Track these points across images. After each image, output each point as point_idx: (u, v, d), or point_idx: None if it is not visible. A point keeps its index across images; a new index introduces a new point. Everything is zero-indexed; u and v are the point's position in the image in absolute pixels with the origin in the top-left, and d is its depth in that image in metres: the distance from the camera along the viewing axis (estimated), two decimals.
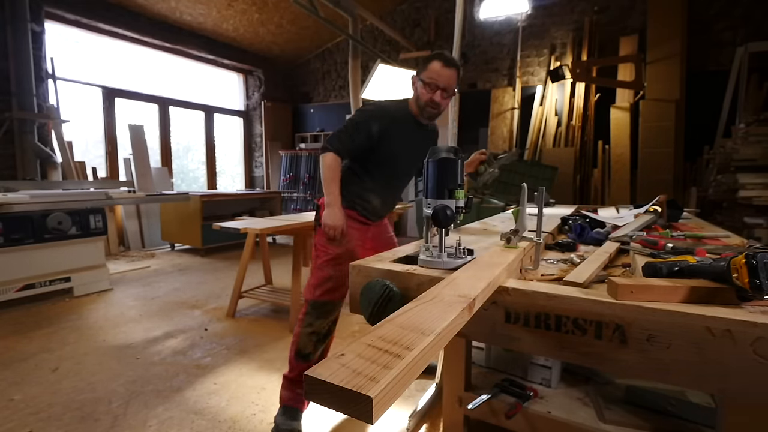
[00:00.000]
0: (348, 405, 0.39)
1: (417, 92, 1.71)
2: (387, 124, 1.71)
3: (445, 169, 1.02)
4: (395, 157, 1.78)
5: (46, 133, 4.59)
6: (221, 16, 5.88)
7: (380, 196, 1.84)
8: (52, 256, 3.28)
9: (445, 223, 0.99)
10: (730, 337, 0.67)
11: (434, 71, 1.63)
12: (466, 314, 0.63)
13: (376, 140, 1.70)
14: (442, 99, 1.69)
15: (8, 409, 1.86)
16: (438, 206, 0.99)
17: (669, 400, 1.35)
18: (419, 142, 1.80)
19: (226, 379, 2.15)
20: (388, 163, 1.79)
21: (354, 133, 1.69)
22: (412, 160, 1.83)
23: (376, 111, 1.73)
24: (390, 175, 1.84)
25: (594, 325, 0.77)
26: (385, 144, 1.73)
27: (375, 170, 1.80)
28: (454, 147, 1.06)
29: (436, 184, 1.02)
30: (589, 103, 5.41)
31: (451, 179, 1.02)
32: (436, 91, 1.65)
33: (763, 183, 3.66)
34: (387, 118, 1.71)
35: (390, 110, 1.75)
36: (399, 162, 1.81)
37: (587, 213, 1.86)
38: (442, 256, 1.00)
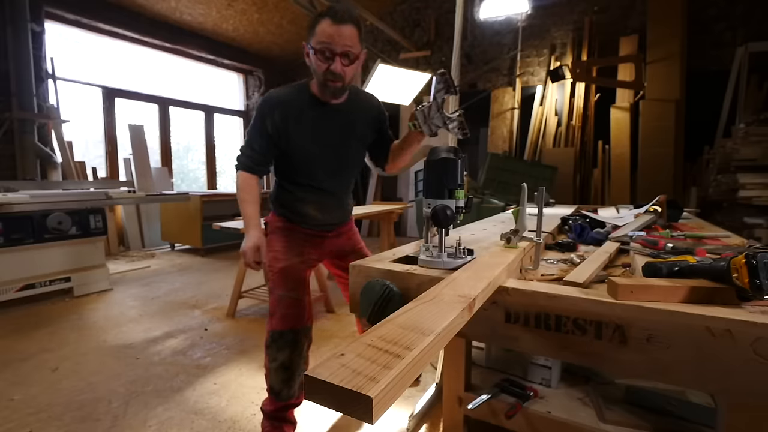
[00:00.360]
0: (348, 405, 0.39)
1: (312, 65, 1.37)
2: (282, 116, 1.42)
3: (445, 169, 1.01)
4: (308, 154, 1.48)
5: (46, 133, 4.59)
6: (221, 16, 5.88)
7: (315, 204, 1.55)
8: (52, 256, 3.28)
9: (445, 223, 0.98)
10: (730, 337, 0.67)
11: (324, 33, 1.29)
12: (466, 314, 0.63)
13: (278, 140, 1.45)
14: (344, 67, 1.34)
15: (8, 409, 1.86)
16: (438, 206, 0.98)
17: (669, 400, 1.35)
18: (337, 126, 1.48)
19: (226, 379, 2.14)
20: (304, 162, 1.49)
21: (253, 140, 1.46)
22: (337, 151, 1.50)
23: (265, 105, 1.44)
24: (312, 176, 1.52)
25: (594, 325, 0.77)
26: (289, 141, 1.45)
27: (295, 175, 1.52)
28: (453, 147, 1.05)
29: (436, 184, 1.02)
30: (589, 103, 5.41)
31: (451, 179, 1.01)
32: (334, 57, 1.31)
33: (763, 183, 3.66)
34: (280, 109, 1.42)
35: (282, 98, 1.44)
36: (316, 158, 1.49)
37: (587, 213, 1.86)
38: (442, 256, 1.00)
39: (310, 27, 1.34)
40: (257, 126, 1.45)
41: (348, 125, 1.50)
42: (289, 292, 1.50)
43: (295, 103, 1.44)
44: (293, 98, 1.44)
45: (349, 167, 1.60)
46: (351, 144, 1.53)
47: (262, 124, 1.43)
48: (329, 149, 1.49)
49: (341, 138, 1.49)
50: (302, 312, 1.51)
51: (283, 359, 1.48)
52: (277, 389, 1.50)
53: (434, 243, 1.05)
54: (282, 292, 1.50)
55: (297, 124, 1.44)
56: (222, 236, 4.84)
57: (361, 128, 1.55)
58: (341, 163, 1.55)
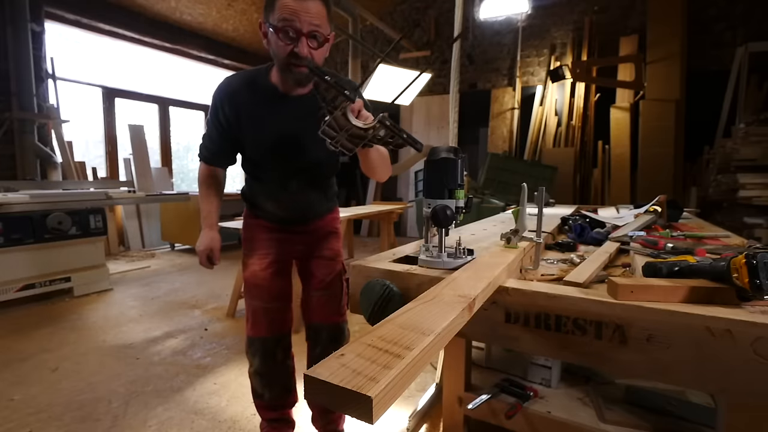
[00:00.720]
0: (348, 405, 0.39)
1: (272, 48, 1.17)
2: (232, 108, 1.28)
3: (445, 169, 1.01)
4: (264, 146, 1.31)
5: (46, 133, 4.59)
6: (221, 16, 5.88)
7: (272, 198, 1.41)
8: (52, 256, 3.28)
9: (445, 223, 0.98)
10: (730, 337, 0.67)
11: (287, 8, 1.08)
12: (466, 314, 0.63)
13: (230, 132, 1.32)
14: (311, 50, 1.14)
15: (8, 409, 1.86)
16: (438, 206, 0.98)
17: (669, 400, 1.35)
18: (297, 119, 1.28)
19: (226, 379, 2.14)
20: (261, 154, 1.34)
21: (209, 131, 1.36)
22: (297, 144, 1.31)
23: (216, 95, 1.31)
24: (270, 169, 1.36)
25: (594, 325, 0.77)
26: (242, 134, 1.31)
27: (255, 168, 1.40)
28: (454, 147, 1.04)
29: (436, 184, 1.02)
30: (589, 103, 5.41)
31: (451, 179, 1.01)
32: (299, 38, 1.10)
33: (763, 183, 3.66)
34: (230, 100, 1.28)
35: (234, 87, 1.29)
36: (274, 151, 1.31)
37: (587, 213, 1.86)
38: (442, 256, 1.00)
39: (267, 1, 1.13)
40: (211, 116, 1.34)
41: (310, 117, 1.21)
42: (254, 300, 1.42)
43: (248, 94, 1.28)
44: (247, 88, 1.28)
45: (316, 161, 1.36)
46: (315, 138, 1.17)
47: (215, 115, 1.31)
48: (289, 139, 1.30)
49: (302, 131, 1.29)
50: (271, 321, 1.42)
51: (256, 365, 1.43)
52: (258, 391, 1.47)
53: (434, 243, 1.05)
54: (249, 300, 1.44)
55: (249, 119, 1.29)
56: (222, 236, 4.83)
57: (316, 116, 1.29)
58: (305, 156, 1.34)
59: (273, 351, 1.43)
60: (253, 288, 1.42)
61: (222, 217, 1.66)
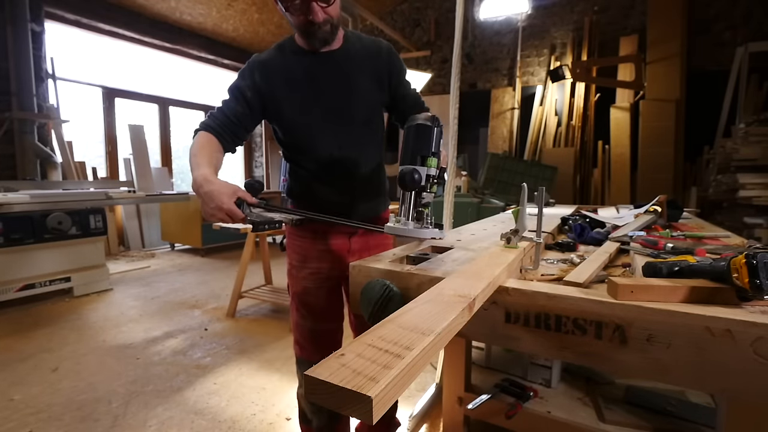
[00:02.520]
0: (348, 405, 0.39)
1: (288, 19, 1.16)
2: (264, 77, 1.20)
3: (418, 135, 0.99)
4: (303, 118, 1.21)
5: (46, 133, 4.59)
6: (221, 16, 5.88)
7: (327, 180, 1.25)
8: (52, 256, 3.28)
9: (411, 186, 0.96)
10: (730, 337, 0.67)
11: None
12: (466, 314, 0.63)
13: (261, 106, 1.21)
14: (323, 11, 1.09)
15: (8, 409, 1.86)
16: (405, 168, 0.95)
17: (669, 400, 1.35)
18: (332, 79, 1.21)
19: (226, 379, 2.14)
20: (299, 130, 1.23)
21: (223, 105, 1.22)
22: (344, 97, 1.22)
23: (246, 69, 1.24)
24: (314, 147, 1.23)
25: (594, 325, 0.77)
26: (279, 107, 1.21)
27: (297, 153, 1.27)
28: (432, 115, 1.00)
29: (409, 150, 0.99)
30: (589, 103, 5.41)
31: (424, 146, 0.98)
32: (308, 5, 1.07)
33: (763, 183, 3.67)
34: (261, 69, 1.21)
35: (263, 58, 1.23)
36: (313, 122, 1.21)
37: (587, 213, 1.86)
38: (408, 224, 0.98)
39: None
40: (232, 91, 1.22)
41: (343, 77, 1.21)
42: (304, 319, 1.30)
43: (281, 59, 1.22)
44: (276, 56, 1.23)
45: (359, 132, 1.26)
46: (354, 101, 1.23)
47: (237, 88, 1.21)
48: (328, 110, 1.21)
49: (340, 93, 1.21)
50: (321, 344, 1.30)
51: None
52: (307, 417, 1.36)
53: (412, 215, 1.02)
54: (298, 318, 1.31)
55: (285, 84, 1.20)
56: (222, 236, 4.85)
57: (363, 81, 1.24)
58: (347, 127, 1.23)
59: None
60: (303, 306, 1.30)
61: None
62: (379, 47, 1.28)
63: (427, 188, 0.99)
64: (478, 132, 6.20)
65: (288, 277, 1.36)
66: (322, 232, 1.29)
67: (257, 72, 1.21)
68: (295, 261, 1.32)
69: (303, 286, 1.30)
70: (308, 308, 1.30)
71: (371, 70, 1.25)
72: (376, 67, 1.26)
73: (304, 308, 1.30)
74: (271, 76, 1.20)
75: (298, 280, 1.31)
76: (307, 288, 1.29)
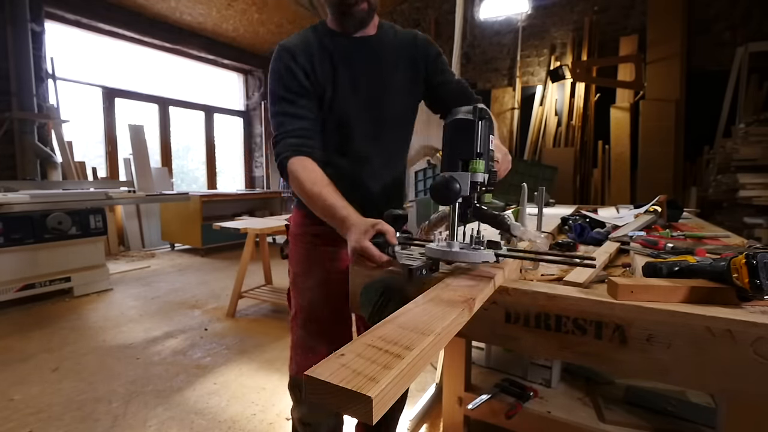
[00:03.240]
0: (348, 405, 0.39)
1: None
2: (306, 58, 1.05)
3: (457, 133, 0.79)
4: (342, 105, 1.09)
5: (46, 133, 4.59)
6: (221, 16, 5.88)
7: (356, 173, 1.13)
8: (52, 256, 3.28)
9: (446, 200, 0.76)
10: (730, 337, 0.67)
11: None
12: (466, 314, 0.63)
13: (313, 89, 1.06)
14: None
15: (8, 409, 1.86)
16: (439, 178, 0.76)
17: (669, 400, 1.35)
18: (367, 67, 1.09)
19: (226, 379, 2.14)
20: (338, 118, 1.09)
21: (285, 108, 1.04)
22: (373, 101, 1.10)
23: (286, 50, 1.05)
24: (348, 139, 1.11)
25: (594, 325, 0.77)
26: (327, 86, 1.07)
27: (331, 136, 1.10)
28: (478, 106, 0.79)
29: (448, 154, 0.80)
30: (589, 103, 5.41)
31: (466, 147, 0.78)
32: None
33: (763, 183, 3.66)
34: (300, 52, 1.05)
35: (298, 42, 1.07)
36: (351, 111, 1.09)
37: (587, 213, 1.86)
38: (453, 245, 0.79)
39: None
40: (282, 85, 1.04)
41: (377, 66, 1.10)
42: (310, 337, 1.15)
43: (314, 41, 1.08)
44: (310, 37, 1.08)
45: (391, 128, 1.15)
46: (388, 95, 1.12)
47: (290, 78, 1.03)
48: (365, 99, 1.09)
49: (375, 83, 1.10)
50: None
51: (302, 413, 1.16)
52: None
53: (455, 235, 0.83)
54: (304, 336, 1.16)
55: (325, 65, 1.06)
56: (222, 236, 4.84)
57: (398, 76, 1.13)
58: (380, 120, 1.12)
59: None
60: (310, 322, 1.15)
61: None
62: (415, 36, 1.17)
63: (473, 199, 0.80)
64: None
65: (292, 289, 1.20)
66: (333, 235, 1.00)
67: (298, 55, 1.05)
68: (300, 270, 1.17)
69: (310, 299, 1.14)
70: (317, 324, 1.14)
71: (407, 62, 1.14)
72: (412, 58, 1.14)
73: (312, 324, 1.15)
74: (312, 56, 1.06)
75: (305, 291, 1.15)
76: (316, 300, 1.14)
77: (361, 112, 1.10)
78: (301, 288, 1.17)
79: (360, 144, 1.11)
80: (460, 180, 0.76)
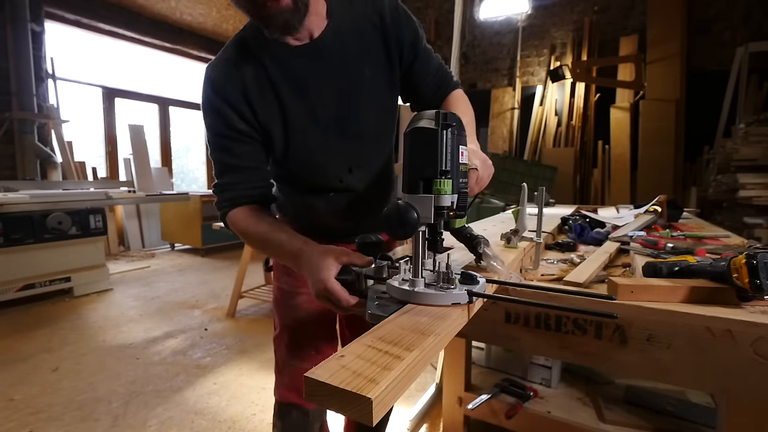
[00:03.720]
0: (348, 406, 0.39)
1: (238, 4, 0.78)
2: (240, 96, 0.84)
3: (416, 146, 0.61)
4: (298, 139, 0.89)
5: (46, 133, 4.59)
6: (221, 16, 5.88)
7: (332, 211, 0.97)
8: (52, 256, 3.27)
9: (401, 233, 0.60)
10: (730, 337, 0.67)
11: None
12: (466, 314, 0.63)
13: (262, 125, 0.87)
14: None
15: (8, 409, 1.86)
16: (393, 206, 0.60)
17: (669, 400, 1.35)
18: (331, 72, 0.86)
19: (226, 379, 2.14)
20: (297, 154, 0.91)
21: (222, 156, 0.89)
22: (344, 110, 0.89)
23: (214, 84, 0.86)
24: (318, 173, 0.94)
25: (594, 325, 0.77)
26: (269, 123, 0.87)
27: (291, 175, 0.97)
28: (443, 111, 0.61)
29: (407, 172, 0.63)
30: (589, 103, 5.41)
31: (428, 163, 0.60)
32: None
33: (763, 183, 3.66)
34: (228, 81, 0.85)
35: (221, 67, 0.87)
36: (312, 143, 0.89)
37: (587, 213, 1.86)
38: (417, 284, 0.63)
39: None
40: (214, 128, 0.87)
41: (338, 76, 0.86)
42: (299, 359, 1.02)
43: (244, 64, 0.85)
44: (238, 59, 0.85)
45: (370, 144, 0.96)
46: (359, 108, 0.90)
47: (219, 120, 0.86)
48: (327, 125, 0.89)
49: (338, 99, 0.88)
50: None
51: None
52: None
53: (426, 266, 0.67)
54: (287, 359, 1.03)
55: (263, 99, 0.85)
56: (222, 236, 4.85)
57: (367, 76, 0.89)
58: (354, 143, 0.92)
59: (311, 426, 1.04)
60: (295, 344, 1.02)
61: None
62: (377, 8, 0.87)
63: (439, 227, 0.64)
64: (478, 132, 6.19)
65: (275, 307, 1.08)
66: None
67: (228, 92, 0.84)
68: (286, 285, 1.04)
69: (295, 317, 1.02)
70: (304, 343, 1.03)
71: (374, 53, 0.88)
72: (382, 43, 0.88)
73: (297, 346, 1.03)
74: (246, 89, 0.84)
75: (290, 309, 1.03)
76: (302, 319, 1.02)
77: (327, 142, 0.89)
78: (286, 305, 1.04)
79: (334, 177, 0.93)
80: (420, 206, 0.60)
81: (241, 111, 0.84)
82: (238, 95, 0.84)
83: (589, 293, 0.79)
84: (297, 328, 1.03)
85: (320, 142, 0.90)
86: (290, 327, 1.04)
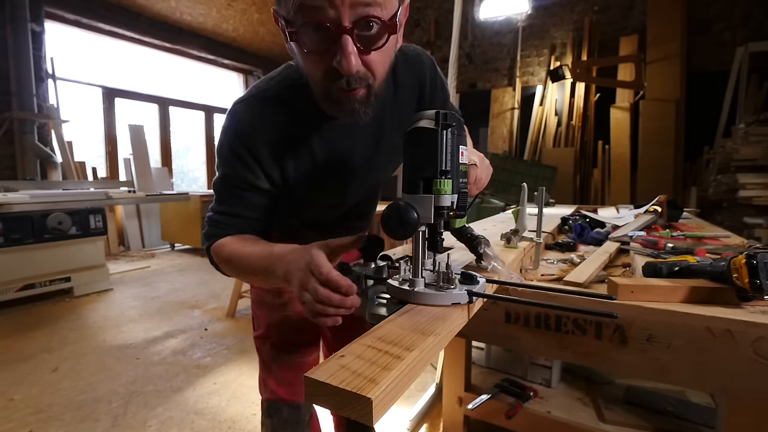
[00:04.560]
0: (348, 406, 0.39)
1: (298, 61, 0.73)
2: (272, 154, 0.78)
3: (416, 146, 0.62)
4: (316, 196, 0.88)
5: (46, 133, 4.59)
6: (221, 16, 5.88)
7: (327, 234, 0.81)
8: (52, 256, 3.27)
9: (401, 234, 0.59)
10: (730, 337, 0.67)
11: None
12: (465, 314, 0.63)
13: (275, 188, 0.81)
14: (367, 55, 0.63)
15: (8, 409, 1.86)
16: (393, 205, 0.59)
17: (669, 400, 1.35)
18: (369, 140, 0.86)
19: (226, 379, 2.15)
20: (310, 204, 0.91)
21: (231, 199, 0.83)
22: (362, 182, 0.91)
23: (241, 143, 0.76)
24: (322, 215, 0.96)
25: (594, 325, 0.77)
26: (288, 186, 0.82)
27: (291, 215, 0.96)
28: (442, 111, 0.60)
29: (407, 172, 0.63)
30: (589, 103, 5.41)
31: (429, 162, 0.60)
32: (339, 37, 0.59)
33: (763, 183, 3.66)
34: (263, 143, 0.76)
35: (263, 122, 0.77)
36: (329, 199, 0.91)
37: (587, 213, 1.86)
38: (417, 283, 0.64)
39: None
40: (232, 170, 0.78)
41: (376, 140, 0.87)
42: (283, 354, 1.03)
43: (284, 129, 0.78)
44: (279, 120, 0.77)
45: (376, 191, 1.07)
46: (384, 163, 0.93)
47: (242, 166, 0.77)
48: (352, 187, 0.90)
49: (367, 163, 0.88)
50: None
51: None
52: None
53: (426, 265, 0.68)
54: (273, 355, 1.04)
55: (295, 166, 0.81)
56: None
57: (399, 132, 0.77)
58: (364, 194, 0.97)
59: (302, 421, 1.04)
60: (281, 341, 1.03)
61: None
62: (419, 80, 0.88)
63: (439, 227, 0.64)
64: (478, 132, 6.20)
65: (256, 308, 1.06)
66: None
67: (260, 151, 0.77)
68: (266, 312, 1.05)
69: (281, 316, 1.01)
70: (291, 338, 1.03)
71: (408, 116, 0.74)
72: (416, 108, 0.90)
73: (284, 341, 1.03)
74: (279, 152, 0.78)
75: (275, 308, 1.02)
76: (288, 317, 1.00)
77: (342, 202, 0.92)
78: (270, 304, 1.03)
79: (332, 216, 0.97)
80: (420, 206, 0.60)
81: (269, 173, 0.79)
82: (271, 158, 0.78)
83: (589, 293, 0.79)
84: (282, 325, 1.02)
85: (336, 203, 0.93)
86: (275, 324, 1.03)
